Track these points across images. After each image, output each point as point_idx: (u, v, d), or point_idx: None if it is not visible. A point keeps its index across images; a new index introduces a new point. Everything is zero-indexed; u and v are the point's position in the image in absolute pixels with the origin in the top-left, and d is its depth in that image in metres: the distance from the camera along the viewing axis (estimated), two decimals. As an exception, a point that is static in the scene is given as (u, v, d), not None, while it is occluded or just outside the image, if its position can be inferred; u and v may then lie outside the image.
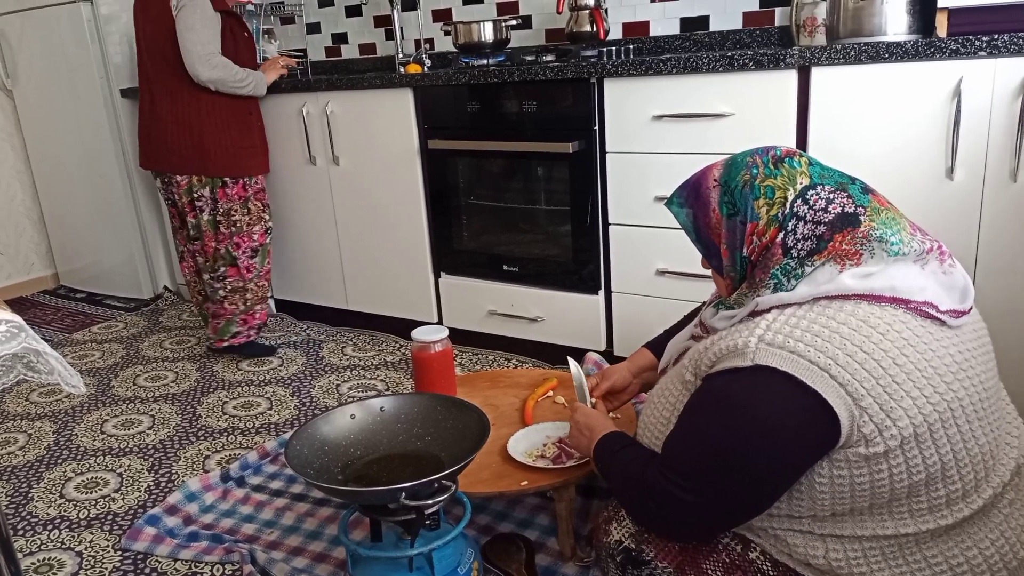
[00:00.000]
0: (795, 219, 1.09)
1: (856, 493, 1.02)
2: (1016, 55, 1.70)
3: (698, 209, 1.19)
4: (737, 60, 1.99)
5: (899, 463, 0.99)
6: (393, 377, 2.60)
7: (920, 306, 1.05)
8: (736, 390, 1.03)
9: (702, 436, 1.06)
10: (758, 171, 1.13)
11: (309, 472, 1.31)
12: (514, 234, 2.56)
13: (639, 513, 1.16)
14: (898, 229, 1.08)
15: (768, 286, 1.10)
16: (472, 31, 2.76)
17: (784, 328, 1.03)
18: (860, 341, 1.00)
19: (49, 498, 2.00)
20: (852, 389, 0.98)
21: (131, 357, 2.94)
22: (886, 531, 1.03)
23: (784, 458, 1.01)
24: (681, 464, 1.08)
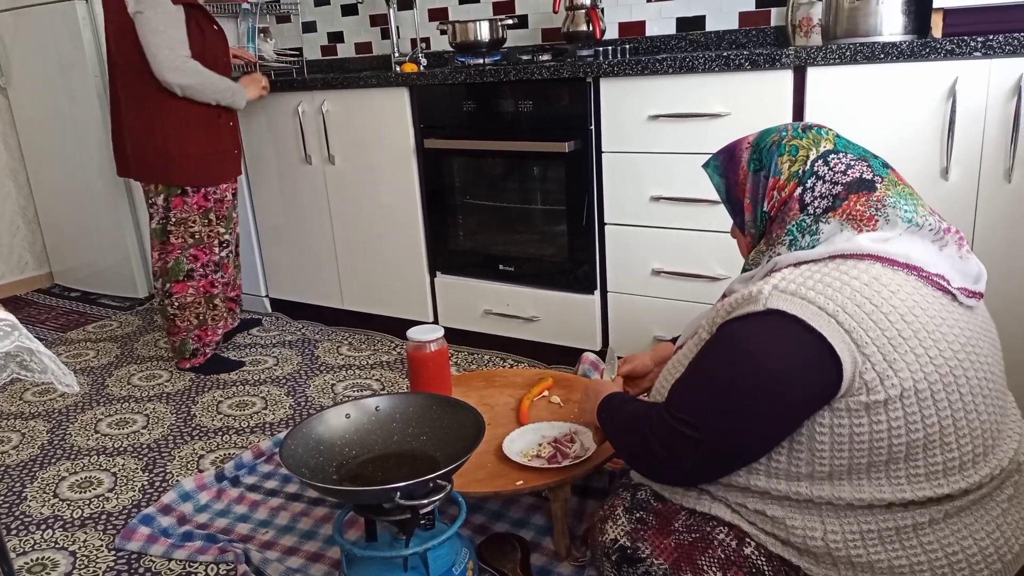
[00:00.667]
0: (814, 177, 1.16)
1: (855, 446, 1.04)
2: (1011, 56, 1.70)
3: (730, 170, 1.27)
4: (733, 60, 1.99)
5: (898, 416, 1.02)
6: (388, 376, 2.60)
7: (932, 276, 1.09)
8: (744, 331, 1.07)
9: (708, 374, 1.11)
10: (787, 133, 1.21)
11: (304, 472, 1.30)
12: (510, 234, 2.56)
13: (641, 456, 1.19)
14: (914, 204, 1.13)
15: (784, 242, 1.16)
16: (468, 30, 2.75)
17: (798, 279, 1.08)
18: (870, 295, 1.04)
19: (43, 497, 1.99)
20: (857, 336, 1.02)
21: (125, 356, 2.93)
22: (883, 495, 1.05)
23: (786, 397, 1.03)
24: (686, 401, 1.12)
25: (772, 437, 1.07)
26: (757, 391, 1.04)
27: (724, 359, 1.09)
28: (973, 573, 1.06)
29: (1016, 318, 1.85)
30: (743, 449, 1.09)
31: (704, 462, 1.12)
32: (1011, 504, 1.11)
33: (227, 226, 2.67)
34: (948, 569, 1.06)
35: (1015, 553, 1.09)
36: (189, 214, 2.56)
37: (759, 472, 1.11)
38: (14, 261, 3.89)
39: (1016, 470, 1.12)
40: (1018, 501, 1.12)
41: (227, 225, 2.67)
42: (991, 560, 1.07)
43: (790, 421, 1.05)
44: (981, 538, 1.07)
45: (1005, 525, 1.09)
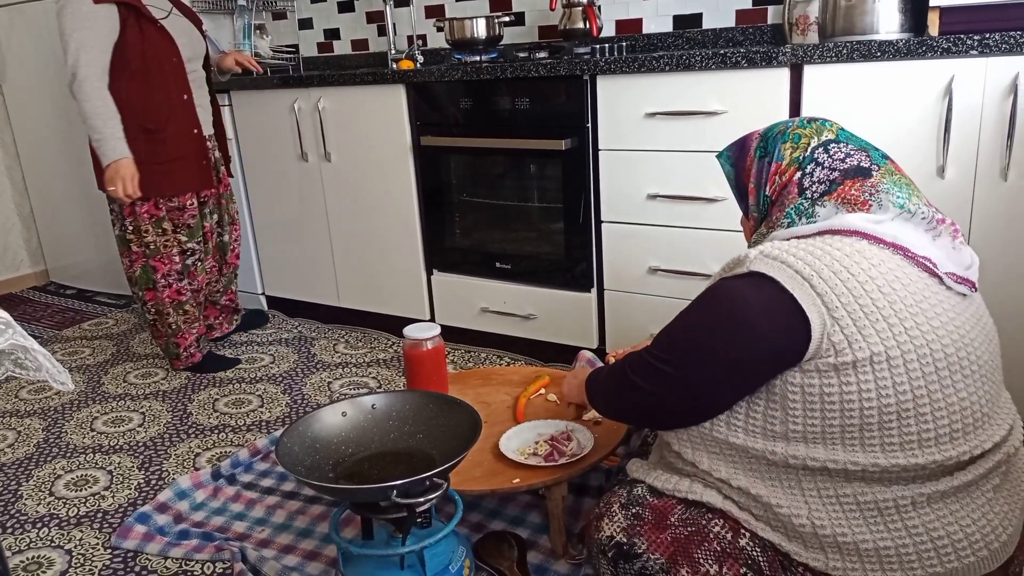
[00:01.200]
0: (813, 163, 1.21)
1: (826, 408, 1.07)
2: (1007, 54, 1.70)
3: (739, 158, 1.33)
4: (730, 58, 1.99)
5: (868, 380, 1.05)
6: (385, 374, 2.59)
7: (918, 257, 1.12)
8: (724, 287, 1.14)
9: (688, 320, 1.18)
10: (793, 124, 1.27)
11: (300, 470, 1.30)
12: (507, 231, 2.56)
13: (622, 397, 1.26)
14: (908, 192, 1.17)
15: (783, 224, 1.21)
16: (465, 27, 2.75)
17: (783, 246, 1.13)
18: (848, 264, 1.09)
19: (38, 496, 1.99)
20: (828, 300, 1.06)
21: (121, 354, 2.93)
22: (856, 459, 1.07)
23: (753, 347, 1.09)
24: (664, 341, 1.20)
25: (742, 384, 1.12)
26: (728, 331, 1.10)
27: (704, 306, 1.16)
28: (960, 559, 1.08)
29: (1012, 315, 1.85)
30: (715, 391, 1.14)
31: (681, 399, 1.17)
32: (997, 494, 1.12)
33: (190, 235, 2.56)
34: (934, 553, 1.07)
35: (1002, 542, 1.10)
36: (141, 223, 2.48)
37: (737, 428, 1.15)
38: (9, 258, 3.88)
39: (1004, 460, 1.13)
40: (1006, 491, 1.13)
41: (190, 234, 2.56)
42: (977, 547, 1.08)
43: (757, 372, 1.10)
44: (967, 524, 1.08)
45: (992, 514, 1.10)
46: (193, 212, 2.57)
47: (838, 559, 1.10)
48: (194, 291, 2.65)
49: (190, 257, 2.61)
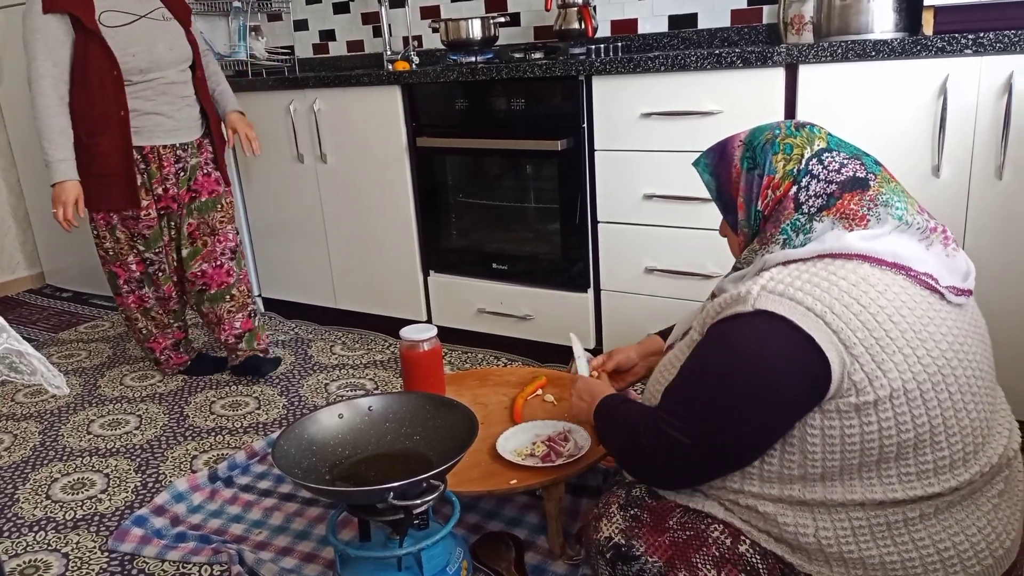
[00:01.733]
0: (809, 176, 1.15)
1: (846, 447, 1.04)
2: (1002, 53, 1.71)
3: (721, 167, 1.26)
4: (725, 58, 1.99)
5: (888, 417, 1.02)
6: (382, 376, 2.59)
7: (920, 275, 1.09)
8: (734, 333, 1.08)
9: (698, 376, 1.11)
10: (780, 131, 1.20)
11: (297, 472, 1.30)
12: (503, 232, 2.56)
13: (635, 459, 1.21)
14: (905, 201, 1.14)
15: (778, 241, 1.15)
16: (460, 28, 2.75)
17: (786, 279, 1.08)
18: (857, 295, 1.04)
19: (35, 499, 1.98)
20: (845, 336, 1.02)
21: (118, 357, 2.92)
22: (875, 495, 1.05)
23: (774, 399, 1.04)
24: (677, 404, 1.13)
25: (763, 440, 1.08)
26: (746, 393, 1.05)
27: (713, 361, 1.09)
28: (964, 568, 1.07)
29: (1008, 315, 1.86)
30: (735, 453, 1.10)
31: (697, 466, 1.13)
32: (1001, 499, 1.11)
33: (147, 245, 2.44)
34: (940, 565, 1.06)
35: (1006, 548, 1.10)
36: (99, 229, 2.44)
37: (752, 477, 1.12)
38: (5, 261, 3.87)
39: (1006, 465, 1.13)
40: (1008, 496, 1.13)
41: (147, 244, 2.44)
42: (982, 556, 1.08)
43: (780, 423, 1.06)
44: (972, 534, 1.07)
45: (996, 520, 1.10)
46: (149, 223, 2.42)
47: (843, 571, 1.09)
48: (160, 299, 2.55)
49: (151, 266, 2.49)
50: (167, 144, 2.42)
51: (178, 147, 2.44)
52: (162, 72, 2.36)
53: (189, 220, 2.49)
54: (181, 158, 2.46)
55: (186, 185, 2.47)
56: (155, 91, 2.36)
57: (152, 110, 2.37)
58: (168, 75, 2.38)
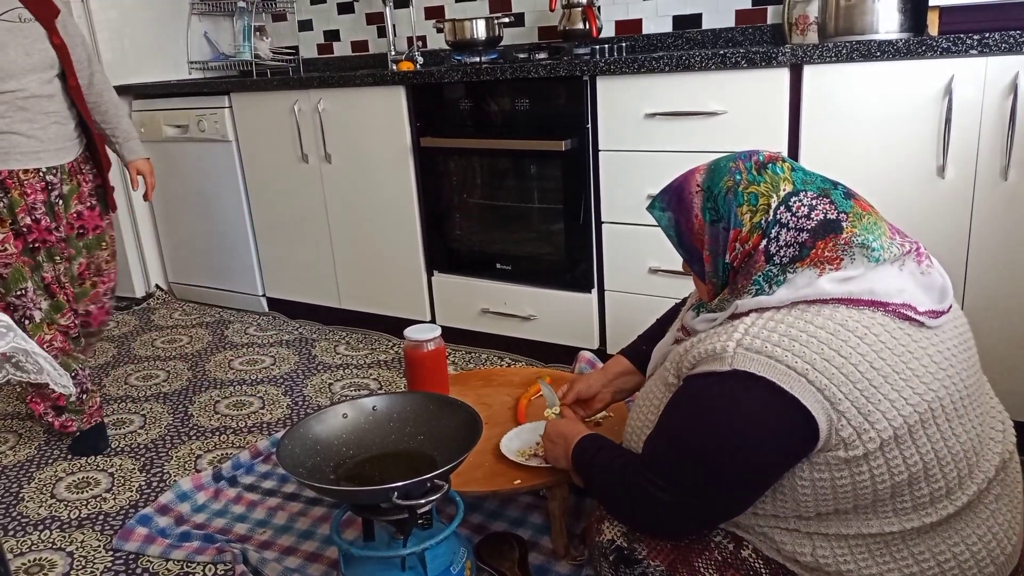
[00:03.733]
0: (778, 226, 1.09)
1: (839, 495, 1.03)
2: (1007, 53, 1.70)
3: (680, 214, 1.18)
4: (729, 58, 1.99)
5: (880, 464, 1.00)
6: (386, 376, 2.59)
7: (898, 308, 1.05)
8: (714, 394, 1.04)
9: (679, 438, 1.08)
10: (741, 177, 1.12)
11: (301, 472, 1.30)
12: (507, 232, 2.56)
13: (620, 513, 1.19)
14: (879, 234, 1.08)
15: (750, 291, 1.10)
16: (465, 28, 2.75)
17: (762, 333, 1.03)
18: (838, 346, 1.00)
19: (40, 498, 1.99)
20: (830, 393, 0.98)
21: (122, 356, 2.93)
22: (871, 530, 1.04)
23: (761, 461, 1.02)
24: (658, 464, 1.10)
25: (749, 497, 1.07)
26: (730, 455, 1.02)
27: (695, 422, 1.06)
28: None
29: (1012, 316, 1.85)
30: (721, 509, 1.09)
31: (683, 523, 1.12)
32: (999, 504, 1.10)
33: (7, 287, 2.04)
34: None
35: (1007, 554, 1.09)
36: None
37: (747, 514, 1.11)
38: (10, 261, 3.87)
39: (1001, 468, 1.11)
40: (1007, 500, 1.11)
41: (7, 286, 2.04)
42: (983, 564, 1.06)
43: (766, 481, 1.05)
44: (972, 543, 1.06)
45: (996, 527, 1.08)
46: (6, 259, 2.03)
47: None
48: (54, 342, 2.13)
49: (15, 312, 2.07)
50: (28, 168, 2.05)
51: (45, 172, 2.08)
52: (17, 83, 2.00)
53: (79, 260, 2.18)
54: (52, 184, 2.09)
55: (64, 216, 2.13)
56: (9, 106, 2.00)
57: (6, 128, 2.00)
58: (27, 87, 2.01)
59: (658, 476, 1.09)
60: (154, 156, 3.34)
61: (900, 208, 1.87)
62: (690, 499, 1.07)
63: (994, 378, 1.28)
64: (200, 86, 3.09)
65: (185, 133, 3.18)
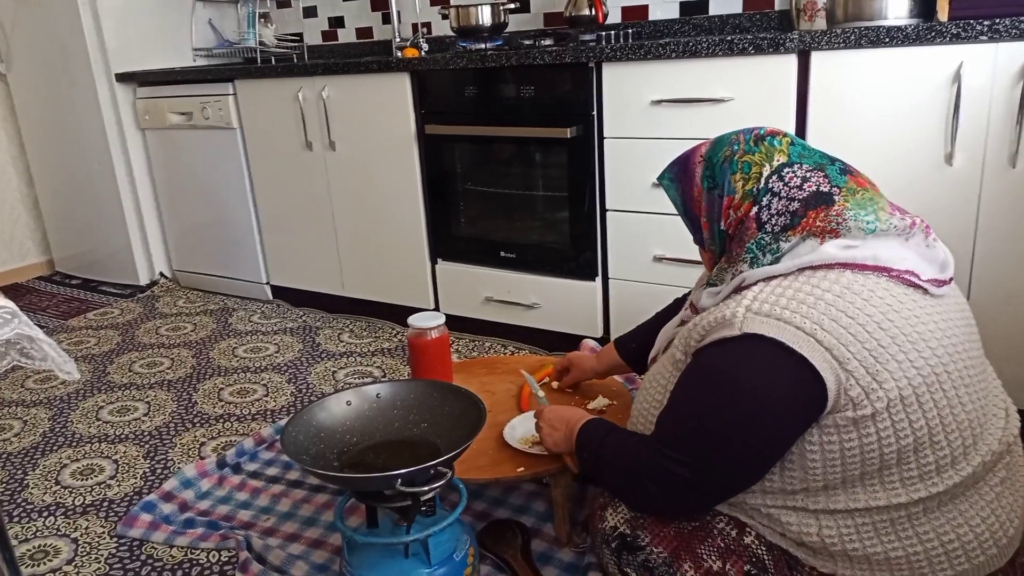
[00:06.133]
0: (769, 194, 1.13)
1: (847, 460, 1.03)
2: (1017, 40, 1.68)
3: (685, 183, 1.23)
4: (737, 44, 1.97)
5: (886, 427, 1.01)
6: (389, 364, 2.59)
7: (902, 274, 1.07)
8: (725, 360, 1.05)
9: (694, 409, 1.08)
10: (739, 147, 1.17)
11: (305, 459, 1.30)
12: (511, 220, 2.55)
13: (634, 496, 1.17)
14: (874, 209, 1.10)
15: (745, 260, 1.13)
16: (470, 15, 2.74)
17: (770, 298, 1.05)
18: (844, 307, 1.03)
19: (44, 485, 1.99)
20: (838, 353, 1.00)
21: (127, 343, 2.93)
22: (878, 502, 1.04)
23: (774, 424, 1.02)
24: (674, 439, 1.10)
25: (765, 463, 1.07)
26: (745, 424, 1.03)
27: (709, 393, 1.06)
28: (969, 559, 1.06)
29: (1018, 304, 1.84)
30: (738, 479, 1.09)
31: (700, 496, 1.12)
32: (1004, 487, 1.11)
33: None
34: (944, 557, 1.06)
35: (1009, 537, 1.09)
36: None
37: (754, 492, 1.11)
38: (15, 248, 3.89)
39: (1006, 451, 1.12)
40: (1011, 484, 1.12)
41: None
42: (987, 545, 1.07)
43: (781, 445, 1.05)
44: (976, 524, 1.07)
45: (1000, 509, 1.09)
46: None
47: (848, 567, 1.08)
48: None
49: None
50: None
51: None
52: None
53: None
54: None
55: None
56: None
57: None
58: None
59: (675, 450, 1.09)
60: (158, 143, 3.36)
61: (908, 195, 1.86)
62: (709, 470, 1.07)
63: (1000, 366, 1.27)
64: (204, 73, 3.08)
65: (189, 121, 3.18)
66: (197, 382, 2.55)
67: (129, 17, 3.31)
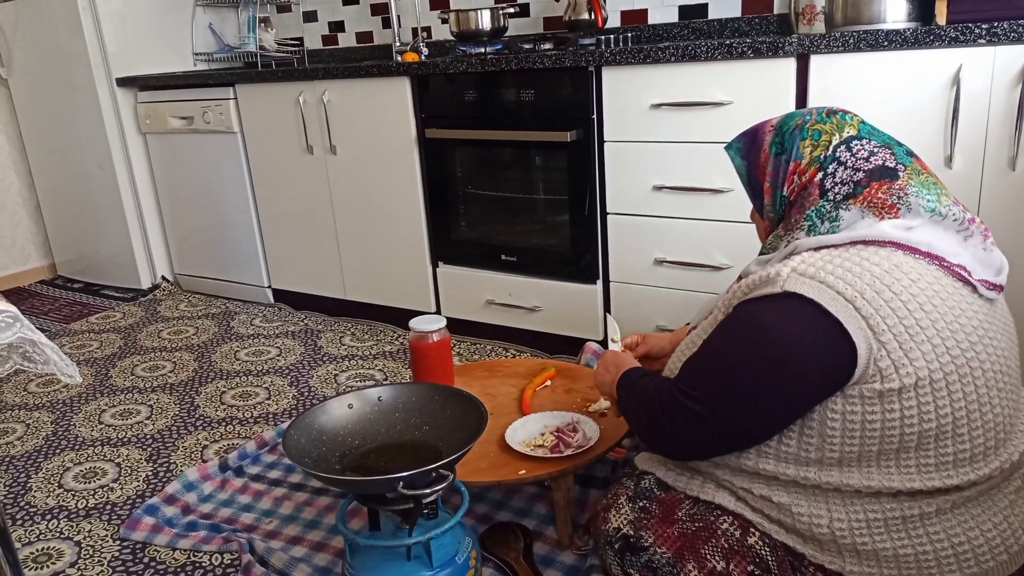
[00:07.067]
0: (835, 163, 1.15)
1: (866, 434, 1.03)
2: (1016, 43, 1.69)
3: (752, 151, 1.26)
4: (736, 48, 1.98)
5: (911, 406, 1.01)
6: (391, 367, 2.60)
7: (953, 267, 1.08)
8: (761, 312, 1.07)
9: (720, 352, 1.10)
10: (810, 118, 1.20)
11: (307, 462, 1.31)
12: (512, 224, 2.56)
13: (651, 428, 1.18)
14: (937, 193, 1.12)
15: (803, 227, 1.15)
16: (470, 19, 2.74)
17: (818, 263, 1.07)
18: (890, 282, 1.03)
19: (47, 488, 2.00)
20: (874, 323, 1.01)
21: (129, 347, 2.94)
22: (892, 483, 1.04)
23: (796, 378, 1.03)
24: (695, 377, 1.12)
25: (779, 418, 1.06)
26: (767, 370, 1.04)
27: (737, 338, 1.08)
28: (979, 564, 1.06)
29: (1020, 307, 1.84)
30: (749, 428, 1.08)
31: (712, 438, 1.12)
32: (1019, 496, 1.10)
33: None
34: (954, 560, 1.06)
35: (1021, 544, 1.09)
36: None
37: (768, 456, 1.10)
38: (17, 252, 3.89)
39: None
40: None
41: None
42: (997, 552, 1.07)
43: (798, 403, 1.05)
44: (988, 529, 1.07)
45: (1012, 517, 1.09)
46: None
47: (855, 564, 1.08)
48: None
49: None
50: None
51: None
52: None
53: None
54: None
55: None
56: None
57: None
58: None
59: (694, 388, 1.11)
60: (159, 148, 3.37)
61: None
62: (725, 413, 1.08)
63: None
64: (205, 78, 3.08)
65: (190, 125, 3.19)
66: (199, 385, 2.55)
67: (130, 21, 3.32)
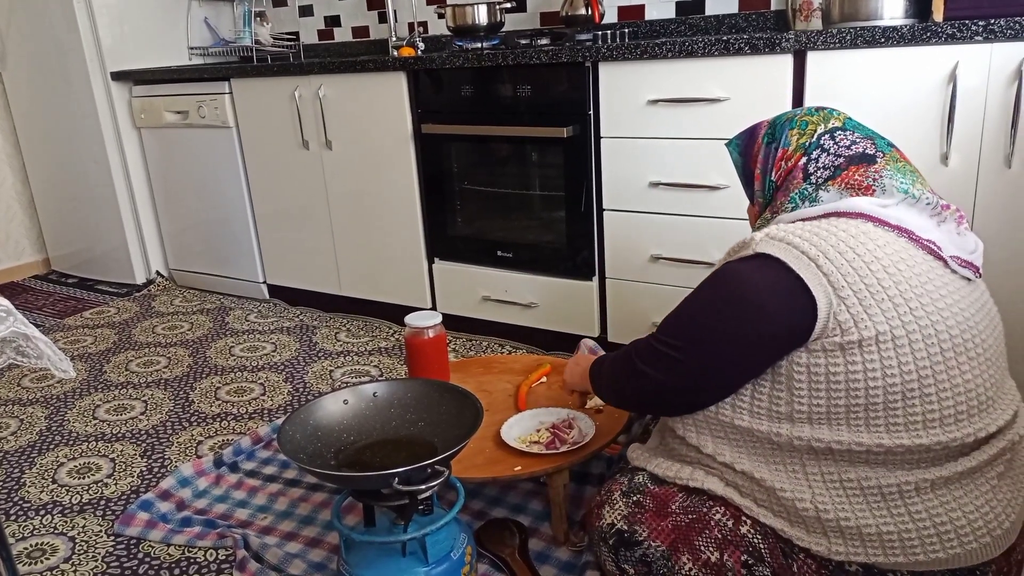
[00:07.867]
0: (819, 149, 1.23)
1: (831, 387, 1.07)
2: (1012, 40, 1.69)
3: (747, 144, 1.36)
4: (733, 44, 1.97)
5: (873, 359, 1.05)
6: (386, 363, 2.60)
7: (923, 240, 1.14)
8: (732, 270, 1.14)
9: (693, 303, 1.19)
10: (801, 111, 1.30)
11: (302, 457, 1.30)
12: (508, 220, 2.56)
13: (628, 383, 1.26)
14: (913, 179, 1.18)
15: (787, 209, 1.23)
16: (466, 14, 2.74)
17: (789, 228, 1.15)
18: (854, 244, 1.10)
19: (41, 483, 1.99)
20: (834, 279, 1.07)
21: (123, 342, 2.93)
22: (861, 439, 1.07)
23: (760, 327, 1.09)
24: (671, 326, 1.21)
25: (748, 366, 1.12)
26: (735, 317, 1.11)
27: (710, 292, 1.16)
28: (961, 544, 1.08)
29: (1017, 303, 1.85)
30: (722, 373, 1.14)
31: (688, 383, 1.17)
32: (1001, 481, 1.12)
33: None
34: (936, 540, 1.08)
35: (1004, 529, 1.11)
36: None
37: (743, 409, 1.15)
38: (11, 247, 3.88)
39: (1009, 448, 1.13)
40: (1010, 479, 1.14)
41: None
42: (980, 533, 1.09)
43: (765, 353, 1.11)
44: (970, 511, 1.08)
45: (995, 501, 1.10)
46: None
47: (840, 543, 1.10)
48: None
49: None
50: None
51: None
52: None
53: None
54: None
55: None
56: None
57: None
58: None
59: (668, 335, 1.19)
60: (154, 142, 3.36)
61: (903, 196, 1.87)
62: (699, 356, 1.15)
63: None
64: (200, 72, 3.07)
65: (185, 119, 3.17)
66: (194, 381, 2.55)
67: (125, 15, 3.31)
